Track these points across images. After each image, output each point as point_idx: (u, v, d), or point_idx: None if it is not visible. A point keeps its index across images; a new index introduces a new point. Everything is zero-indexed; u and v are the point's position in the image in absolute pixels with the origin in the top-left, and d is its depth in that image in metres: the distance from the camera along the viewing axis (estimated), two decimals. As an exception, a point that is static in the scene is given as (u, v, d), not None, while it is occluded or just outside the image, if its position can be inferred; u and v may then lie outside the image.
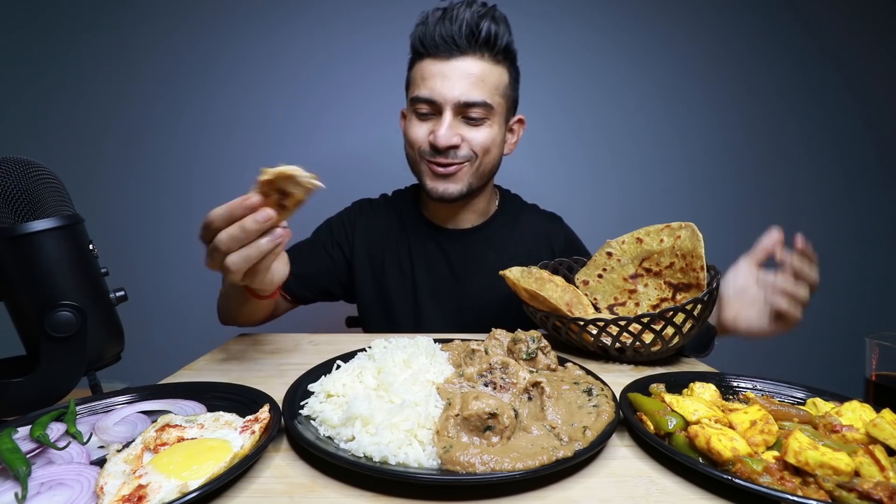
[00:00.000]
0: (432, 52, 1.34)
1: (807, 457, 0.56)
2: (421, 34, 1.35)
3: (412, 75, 1.42)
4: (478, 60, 1.33)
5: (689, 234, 1.13)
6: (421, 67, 1.37)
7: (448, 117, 1.33)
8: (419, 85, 1.37)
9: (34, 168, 0.80)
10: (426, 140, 1.37)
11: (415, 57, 1.42)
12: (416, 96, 1.37)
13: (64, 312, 0.77)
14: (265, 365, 1.04)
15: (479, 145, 1.38)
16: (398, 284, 1.54)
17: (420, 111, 1.38)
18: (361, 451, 0.61)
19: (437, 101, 1.33)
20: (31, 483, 0.55)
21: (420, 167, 1.43)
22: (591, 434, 0.65)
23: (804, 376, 1.02)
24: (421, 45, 1.36)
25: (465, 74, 1.32)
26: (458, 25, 1.29)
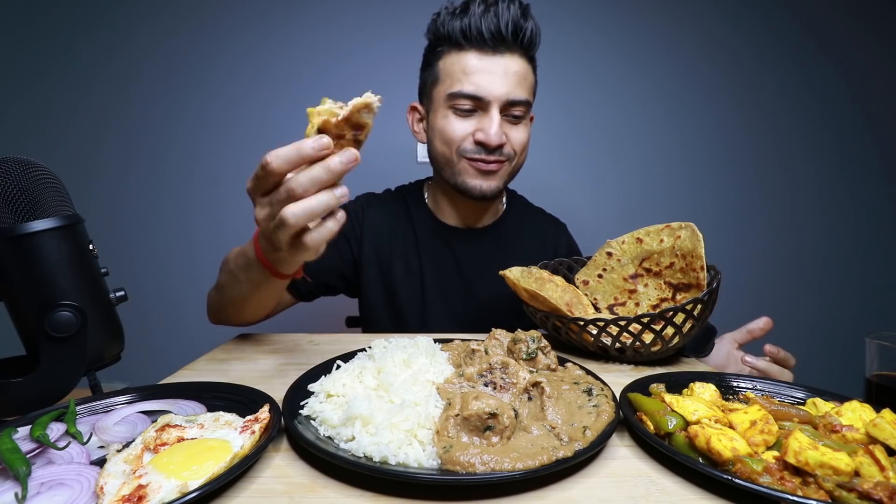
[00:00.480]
0: (477, 45, 1.30)
1: (807, 457, 0.56)
2: (464, 26, 1.29)
3: (446, 69, 1.36)
4: (518, 59, 1.33)
5: (689, 234, 1.13)
6: (461, 60, 1.32)
7: (497, 115, 1.31)
8: (461, 80, 1.32)
9: (34, 168, 0.80)
10: (469, 137, 1.34)
11: (448, 48, 1.35)
12: (458, 92, 1.32)
13: (64, 312, 0.77)
14: (265, 365, 1.04)
15: (518, 144, 1.38)
16: (405, 282, 1.52)
17: (461, 107, 1.34)
18: (361, 451, 0.61)
19: (483, 97, 1.30)
20: (31, 483, 0.55)
21: (458, 165, 1.39)
22: (591, 434, 0.65)
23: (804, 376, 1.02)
24: (463, 37, 1.30)
25: (510, 72, 1.31)
26: (505, 23, 1.27)
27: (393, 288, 1.52)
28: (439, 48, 1.37)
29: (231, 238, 2.50)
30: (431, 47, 1.41)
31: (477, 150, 1.35)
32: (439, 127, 1.38)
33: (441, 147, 1.40)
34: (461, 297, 1.52)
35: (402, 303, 1.52)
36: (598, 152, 2.64)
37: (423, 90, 1.48)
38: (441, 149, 1.40)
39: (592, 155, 2.63)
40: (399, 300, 1.52)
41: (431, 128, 1.42)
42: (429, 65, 1.42)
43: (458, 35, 1.31)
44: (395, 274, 1.53)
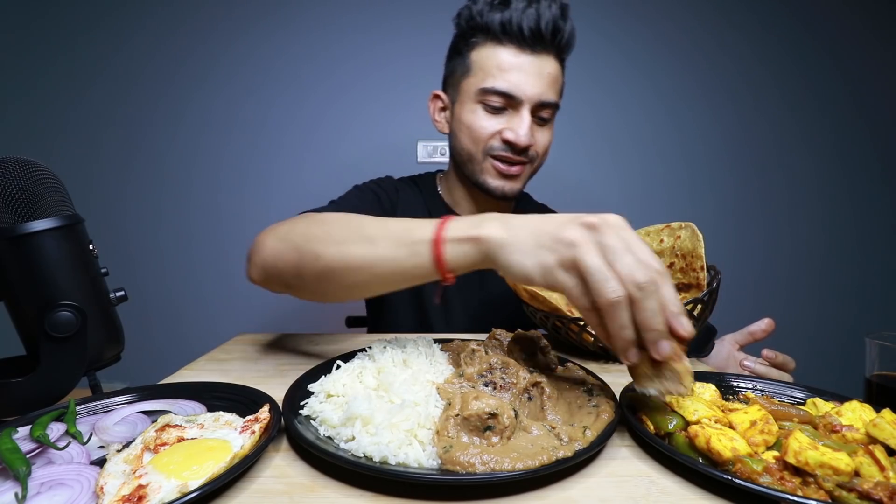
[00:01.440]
0: (516, 41, 1.26)
1: (807, 457, 0.56)
2: (504, 19, 1.25)
3: (481, 61, 1.31)
4: (553, 60, 1.31)
5: (689, 234, 1.13)
6: (496, 55, 1.28)
7: (528, 116, 1.29)
8: (495, 75, 1.28)
9: (34, 168, 0.80)
10: (497, 135, 1.32)
11: (484, 39, 1.31)
12: (491, 88, 1.28)
13: (64, 312, 0.77)
14: (265, 365, 1.04)
15: (542, 147, 1.37)
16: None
17: (491, 103, 1.30)
18: (361, 451, 0.61)
19: (516, 96, 1.27)
20: (31, 483, 0.55)
21: (482, 164, 1.36)
22: (591, 434, 0.65)
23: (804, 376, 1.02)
24: (502, 31, 1.26)
25: (545, 73, 1.28)
26: (546, 21, 1.24)
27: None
28: (473, 39, 1.33)
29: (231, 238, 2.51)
30: (463, 36, 1.35)
31: (504, 149, 1.32)
32: (467, 121, 1.35)
33: (467, 142, 1.37)
34: (475, 291, 1.51)
35: (426, 297, 1.49)
36: (597, 152, 2.64)
37: (448, 79, 1.43)
38: (467, 144, 1.37)
39: (592, 155, 2.63)
40: (424, 294, 1.49)
41: (457, 120, 1.39)
42: (459, 54, 1.37)
43: (497, 28, 1.26)
44: None
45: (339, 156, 2.53)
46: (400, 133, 2.54)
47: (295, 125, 2.51)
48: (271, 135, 2.51)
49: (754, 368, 1.12)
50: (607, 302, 0.63)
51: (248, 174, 2.52)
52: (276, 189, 2.53)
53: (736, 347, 1.20)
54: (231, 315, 2.52)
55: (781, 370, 1.13)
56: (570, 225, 0.68)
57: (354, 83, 2.50)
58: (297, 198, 2.51)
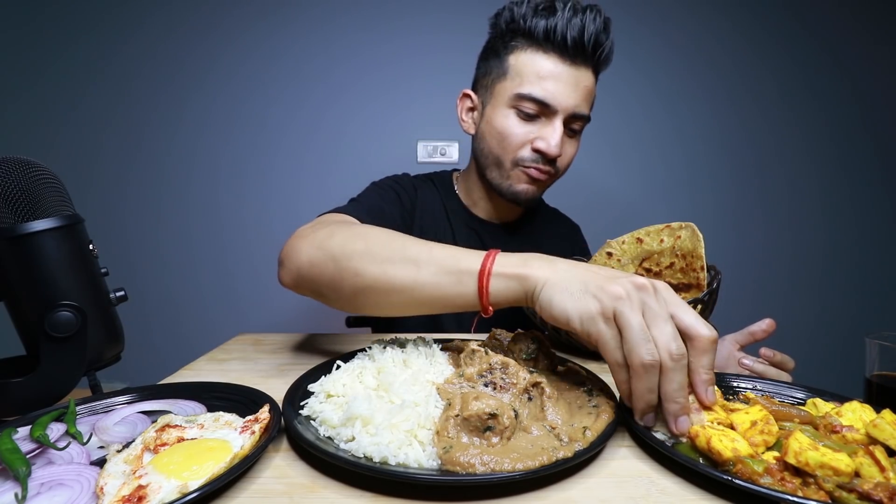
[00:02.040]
0: (558, 50, 1.26)
1: (807, 457, 0.56)
2: (550, 26, 1.24)
3: (519, 65, 1.30)
4: (590, 73, 1.32)
5: (689, 234, 1.13)
6: (537, 62, 1.28)
7: (560, 126, 1.29)
8: (533, 82, 1.27)
9: (34, 168, 0.80)
10: (528, 145, 1.32)
11: (525, 44, 1.30)
12: (527, 94, 1.28)
13: (64, 312, 0.77)
14: (265, 365, 1.04)
15: (568, 158, 1.38)
16: None
17: (525, 109, 1.30)
18: (361, 452, 0.61)
19: (552, 105, 1.27)
20: (31, 483, 0.55)
21: (511, 171, 1.37)
22: (591, 434, 0.65)
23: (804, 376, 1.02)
24: (545, 38, 1.26)
25: (581, 86, 1.29)
26: (590, 34, 1.25)
27: None
28: (513, 42, 1.32)
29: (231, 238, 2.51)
30: (503, 38, 1.34)
31: (534, 159, 1.33)
32: (498, 125, 1.34)
33: (496, 147, 1.36)
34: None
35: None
36: (598, 152, 2.64)
37: (481, 80, 1.43)
38: (495, 148, 1.37)
39: (592, 155, 2.63)
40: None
41: (487, 122, 1.38)
42: (496, 55, 1.36)
43: (541, 35, 1.26)
44: None
45: (339, 156, 2.53)
46: (400, 133, 2.54)
47: (295, 125, 2.51)
48: (271, 134, 2.51)
49: (752, 367, 1.12)
50: (640, 363, 0.63)
51: (248, 174, 2.52)
52: (275, 189, 2.53)
53: (736, 347, 1.20)
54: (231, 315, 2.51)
55: (780, 369, 1.13)
56: (619, 279, 0.68)
57: (354, 83, 2.50)
58: (298, 198, 2.51)
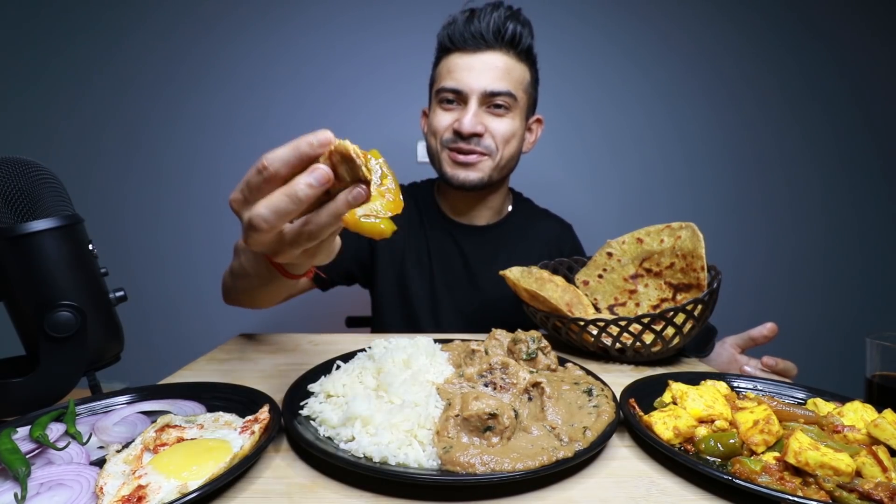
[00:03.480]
0: (459, 46, 1.39)
1: (807, 457, 0.56)
2: (450, 32, 1.40)
3: (438, 70, 1.46)
4: (503, 55, 1.39)
5: (689, 234, 1.13)
6: (448, 61, 1.42)
7: (473, 105, 1.38)
8: (445, 77, 1.41)
9: (33, 168, 0.80)
10: (450, 127, 1.41)
11: (441, 53, 1.46)
12: (441, 87, 1.41)
13: (63, 312, 0.77)
14: (265, 365, 1.04)
15: (500, 136, 1.41)
16: (416, 274, 1.55)
17: (445, 99, 1.42)
18: (361, 452, 0.61)
19: (462, 90, 1.38)
20: (31, 483, 0.55)
21: (441, 156, 1.45)
22: (591, 434, 0.65)
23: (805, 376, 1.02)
24: (449, 42, 1.40)
25: (492, 66, 1.37)
26: (486, 24, 1.35)
27: (404, 278, 1.55)
28: (438, 55, 1.48)
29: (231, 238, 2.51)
30: (437, 55, 1.49)
31: (454, 139, 1.41)
32: (430, 122, 1.48)
33: (430, 139, 1.49)
34: (467, 292, 1.55)
35: (413, 294, 1.55)
36: (598, 152, 2.64)
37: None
38: (430, 141, 1.49)
39: (593, 155, 2.63)
40: (410, 291, 1.55)
41: (427, 125, 1.52)
42: (433, 71, 1.51)
43: (447, 42, 1.41)
44: (406, 265, 1.55)
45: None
46: (400, 133, 2.54)
47: (295, 125, 2.50)
48: (271, 134, 2.51)
49: (754, 374, 1.12)
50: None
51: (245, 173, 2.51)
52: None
53: (738, 351, 1.21)
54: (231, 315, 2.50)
55: (782, 377, 1.13)
56: None
57: (355, 83, 2.50)
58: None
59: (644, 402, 0.77)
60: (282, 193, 0.60)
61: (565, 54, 2.52)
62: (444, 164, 1.45)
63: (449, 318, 1.53)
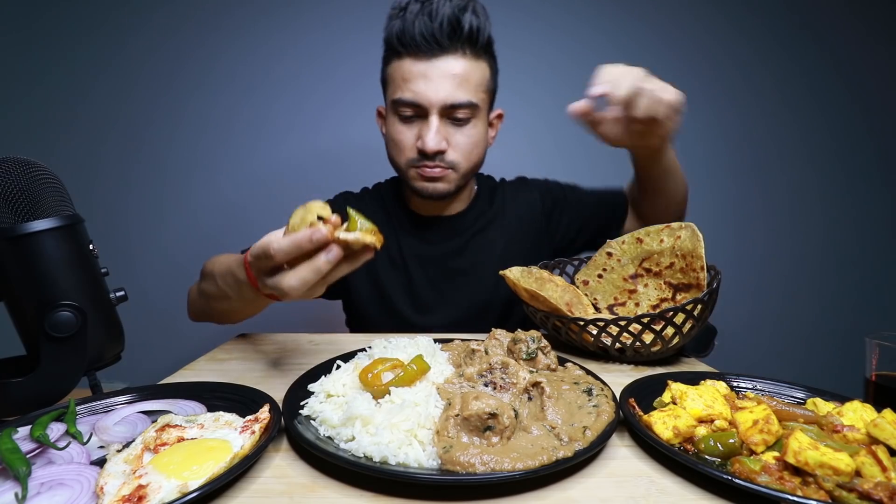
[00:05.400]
0: (412, 50, 1.28)
1: (806, 457, 0.56)
2: (398, 31, 1.28)
3: (391, 74, 1.36)
4: (460, 58, 1.29)
5: (689, 234, 1.13)
6: (401, 67, 1.31)
7: (435, 122, 1.30)
8: (401, 87, 1.31)
9: (34, 168, 0.80)
10: (413, 147, 1.35)
11: (391, 54, 1.35)
12: (398, 99, 1.32)
13: (64, 312, 0.77)
14: (265, 365, 1.04)
15: (463, 149, 1.36)
16: (392, 276, 1.53)
17: (403, 114, 1.33)
18: (361, 451, 0.61)
19: (422, 104, 1.29)
20: (31, 483, 0.55)
21: (408, 173, 1.40)
22: (591, 434, 0.65)
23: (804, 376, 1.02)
24: (399, 44, 1.29)
25: (449, 75, 1.28)
26: (440, 22, 1.24)
27: (381, 283, 1.53)
28: (386, 54, 1.38)
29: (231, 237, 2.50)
30: (386, 53, 1.39)
31: (420, 159, 1.35)
32: (390, 133, 1.40)
33: (392, 153, 1.42)
34: (449, 281, 1.53)
35: (392, 296, 1.53)
36: (597, 152, 2.61)
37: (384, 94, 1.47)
38: (393, 155, 1.42)
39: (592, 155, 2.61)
40: (388, 293, 1.53)
41: (386, 132, 1.44)
42: (384, 68, 1.41)
43: (395, 42, 1.30)
44: (379, 269, 1.53)
45: (340, 155, 2.52)
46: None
47: (296, 125, 2.50)
48: (272, 134, 2.51)
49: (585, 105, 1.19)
50: None
51: (248, 173, 2.51)
52: (276, 188, 2.53)
53: None
54: (231, 315, 2.51)
55: None
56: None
57: (355, 83, 2.49)
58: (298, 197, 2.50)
59: (644, 402, 0.77)
60: (308, 269, 0.76)
61: (565, 54, 2.51)
62: (412, 180, 1.40)
63: (436, 311, 1.52)
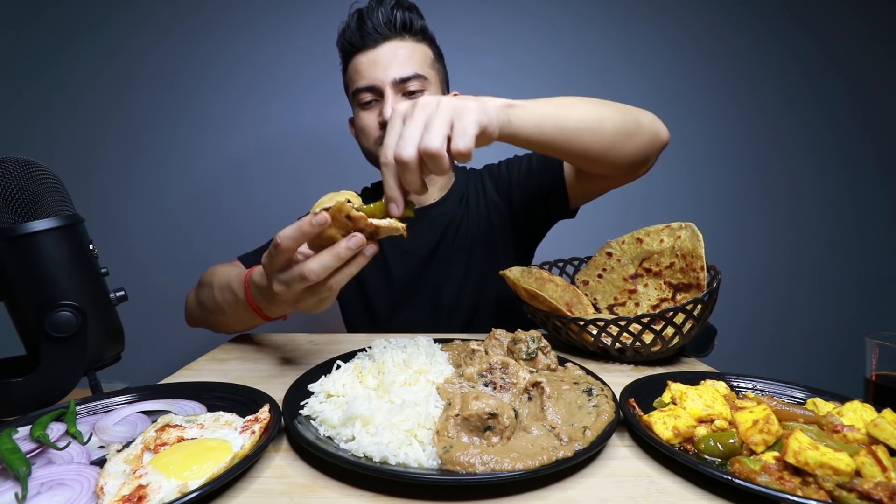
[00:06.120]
0: (359, 46, 1.42)
1: (806, 457, 0.56)
2: (346, 37, 1.44)
3: (348, 75, 1.49)
4: (400, 41, 1.41)
5: (689, 234, 1.13)
6: (354, 63, 1.44)
7: (390, 95, 1.39)
8: (355, 78, 1.44)
9: (34, 168, 0.80)
10: (377, 126, 1.42)
11: (345, 58, 1.49)
12: (356, 88, 1.43)
13: (64, 312, 0.77)
14: (265, 365, 1.04)
15: None
16: (372, 272, 1.56)
17: (364, 101, 1.44)
18: (361, 452, 0.61)
19: (376, 85, 1.40)
20: (31, 483, 0.55)
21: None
22: (591, 434, 0.65)
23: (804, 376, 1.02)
24: (349, 45, 1.44)
25: (394, 55, 1.40)
26: (376, 20, 1.39)
27: (363, 279, 1.57)
28: (343, 62, 1.52)
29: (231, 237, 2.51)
30: (343, 62, 1.53)
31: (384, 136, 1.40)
32: (358, 125, 1.49)
33: (362, 142, 1.50)
34: (428, 274, 1.56)
35: (371, 290, 1.57)
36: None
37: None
38: (363, 144, 1.51)
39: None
40: (368, 289, 1.57)
41: (355, 127, 1.53)
42: (343, 77, 1.55)
43: (347, 45, 1.45)
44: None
45: (340, 156, 2.51)
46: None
47: (297, 124, 2.50)
48: (273, 134, 2.50)
49: None
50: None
51: (249, 173, 2.51)
52: (277, 188, 2.53)
53: None
54: (231, 315, 2.51)
55: None
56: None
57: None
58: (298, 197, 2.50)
59: (644, 402, 0.76)
60: (329, 254, 0.78)
61: (565, 53, 2.51)
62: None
63: (413, 307, 1.55)
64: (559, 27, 2.49)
